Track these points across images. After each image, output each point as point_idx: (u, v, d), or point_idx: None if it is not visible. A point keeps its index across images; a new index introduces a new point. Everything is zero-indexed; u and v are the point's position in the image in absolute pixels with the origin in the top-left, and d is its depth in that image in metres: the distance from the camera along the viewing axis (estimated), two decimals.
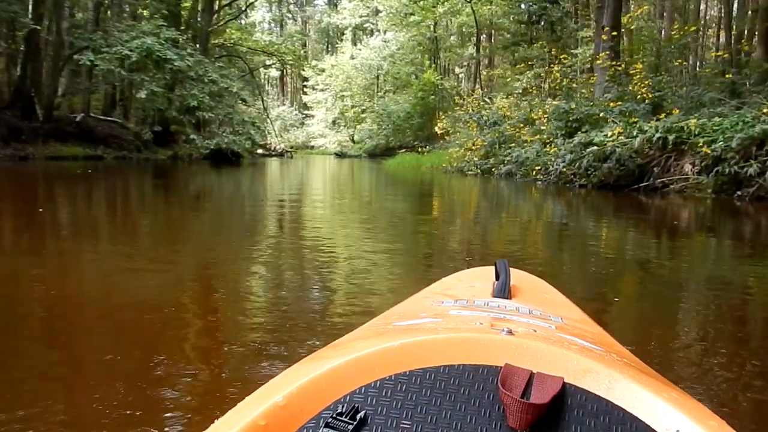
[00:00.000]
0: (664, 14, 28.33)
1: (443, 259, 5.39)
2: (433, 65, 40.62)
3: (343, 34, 53.60)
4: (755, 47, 17.90)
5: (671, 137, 11.86)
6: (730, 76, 14.47)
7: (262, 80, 49.71)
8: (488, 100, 24.83)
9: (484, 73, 38.53)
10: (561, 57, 24.91)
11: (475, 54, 38.90)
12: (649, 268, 5.14)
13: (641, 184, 12.20)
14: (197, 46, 27.70)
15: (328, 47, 58.88)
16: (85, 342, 2.88)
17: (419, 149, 28.24)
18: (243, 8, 37.38)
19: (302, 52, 44.41)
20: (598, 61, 17.15)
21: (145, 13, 26.55)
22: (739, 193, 10.52)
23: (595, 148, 12.68)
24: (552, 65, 30.88)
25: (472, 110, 22.45)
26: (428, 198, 13.31)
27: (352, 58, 48.00)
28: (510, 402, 0.67)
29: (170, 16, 26.92)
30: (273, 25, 59.04)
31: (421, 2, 37.95)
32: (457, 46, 42.70)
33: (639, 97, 13.81)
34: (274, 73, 55.26)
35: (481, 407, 0.70)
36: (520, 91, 30.48)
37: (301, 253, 5.37)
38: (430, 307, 1.15)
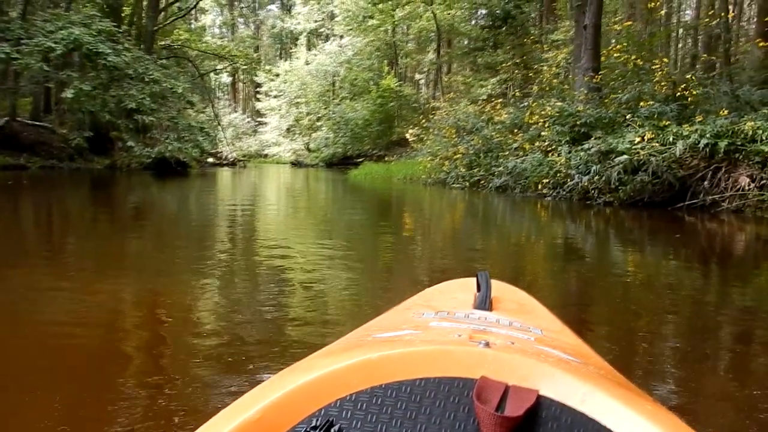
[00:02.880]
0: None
1: None
2: (392, 71, 37.82)
3: (297, 39, 50.35)
4: None
5: (723, 144, 9.25)
6: None
7: (213, 86, 46.11)
8: (461, 105, 22.25)
9: (446, 79, 36.00)
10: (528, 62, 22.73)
11: (435, 60, 36.29)
12: None
13: (686, 202, 9.55)
14: (141, 46, 24.29)
15: (281, 53, 55.48)
16: None
17: (386, 158, 25.36)
18: (191, 6, 33.85)
19: (255, 56, 40.99)
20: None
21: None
22: None
23: (625, 157, 9.99)
24: (517, 72, 28.87)
25: (447, 114, 19.67)
26: (429, 226, 10.38)
27: (307, 63, 44.88)
28: (484, 415, 0.66)
29: (109, 9, 23.43)
30: (224, 29, 55.39)
31: (380, 5, 35.09)
32: (417, 51, 40.04)
33: (675, 95, 11.18)
34: (226, 78, 51.67)
35: (456, 420, 0.70)
36: (485, 97, 28.33)
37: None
38: (411, 319, 1.12)
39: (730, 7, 19.64)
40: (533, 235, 8.42)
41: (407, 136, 24.10)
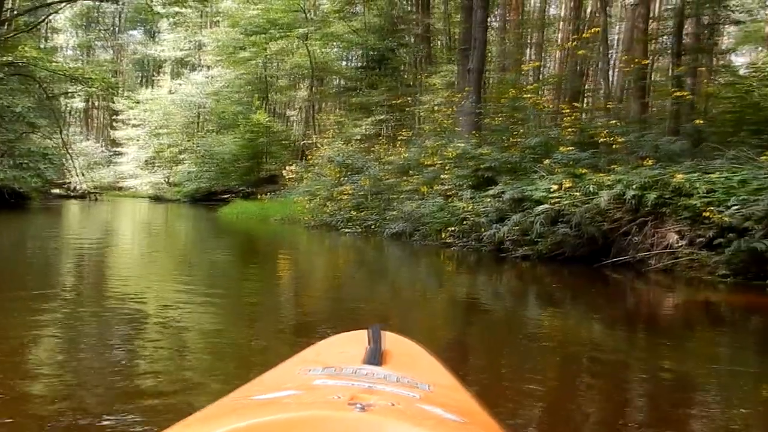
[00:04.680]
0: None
1: None
2: (263, 106, 35.89)
3: (161, 66, 47.07)
4: None
5: (651, 196, 8.36)
6: (701, 121, 11.44)
7: (64, 110, 41.74)
8: (340, 144, 20.88)
9: (318, 117, 34.69)
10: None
11: (309, 97, 34.89)
12: None
13: (611, 259, 8.54)
14: None
15: (143, 80, 51.72)
16: None
17: (257, 196, 23.33)
18: (38, 21, 30.20)
19: (113, 80, 37.39)
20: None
21: None
22: None
23: (546, 206, 8.87)
24: (391, 114, 28.31)
25: (328, 152, 18.13)
26: (318, 276, 8.71)
27: (171, 92, 41.82)
28: None
29: None
30: (79, 51, 50.78)
31: (253, 37, 33.22)
32: (289, 87, 38.44)
33: (594, 141, 10.28)
34: (79, 103, 47.16)
35: None
36: (359, 137, 27.58)
37: None
38: (296, 376, 1.11)
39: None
40: (433, 288, 7.37)
41: (283, 173, 22.30)
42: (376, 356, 1.17)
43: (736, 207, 7.54)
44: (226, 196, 29.94)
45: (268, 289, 6.78)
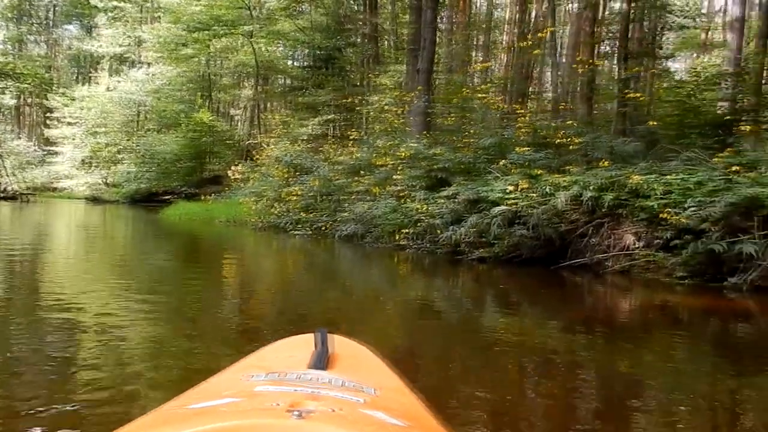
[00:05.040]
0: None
1: None
2: (206, 105, 34.92)
3: (98, 63, 45.33)
4: None
5: (608, 197, 8.26)
6: (654, 123, 11.44)
7: None
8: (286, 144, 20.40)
9: (264, 116, 34.01)
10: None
11: (254, 96, 34.15)
12: None
13: (569, 261, 8.40)
14: None
15: (79, 77, 49.69)
16: None
17: (201, 197, 22.59)
18: None
19: (47, 76, 35.66)
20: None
21: None
22: (732, 280, 7.07)
23: (503, 208, 8.68)
24: (338, 114, 28.08)
25: (276, 152, 17.63)
26: (266, 279, 8.30)
27: (109, 90, 40.29)
28: None
29: None
30: (10, 46, 48.41)
31: (196, 34, 32.27)
32: (234, 86, 37.56)
33: (551, 142, 10.13)
34: (9, 100, 45.00)
35: None
36: (305, 137, 27.22)
37: None
38: (238, 383, 1.08)
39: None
40: (386, 291, 7.14)
41: (228, 173, 21.62)
42: (322, 360, 1.16)
43: (693, 208, 7.50)
44: (167, 197, 28.96)
45: (214, 294, 6.40)
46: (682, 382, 3.66)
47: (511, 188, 9.14)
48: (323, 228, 12.04)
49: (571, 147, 9.88)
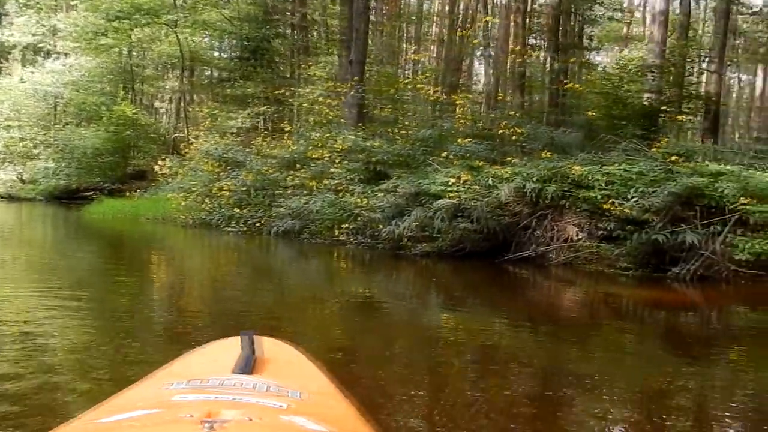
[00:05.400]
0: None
1: None
2: (128, 97, 33.47)
3: (9, 53, 42.72)
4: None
5: (551, 189, 8.16)
6: (593, 113, 11.40)
7: None
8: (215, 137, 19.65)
9: (191, 109, 32.89)
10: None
11: (179, 87, 32.95)
12: None
13: (513, 254, 8.27)
14: None
15: None
16: None
17: (126, 193, 21.56)
18: None
19: None
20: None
21: None
22: (676, 270, 7.07)
23: (446, 201, 8.45)
24: (268, 106, 27.57)
25: (204, 145, 16.91)
26: (196, 279, 7.81)
27: (23, 81, 38.02)
28: None
29: None
30: None
31: (116, 22, 30.76)
32: (157, 77, 36.14)
33: (499, 131, 9.90)
34: None
35: None
36: (235, 130, 26.60)
37: None
38: (156, 392, 1.04)
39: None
40: (324, 289, 6.89)
41: (155, 168, 20.68)
42: (247, 364, 1.12)
43: (635, 199, 7.47)
44: (89, 193, 27.52)
45: (142, 296, 6.01)
46: (625, 374, 3.65)
47: (452, 180, 8.93)
48: (258, 224, 11.52)
49: (514, 138, 9.74)
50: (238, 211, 12.13)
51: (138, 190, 22.38)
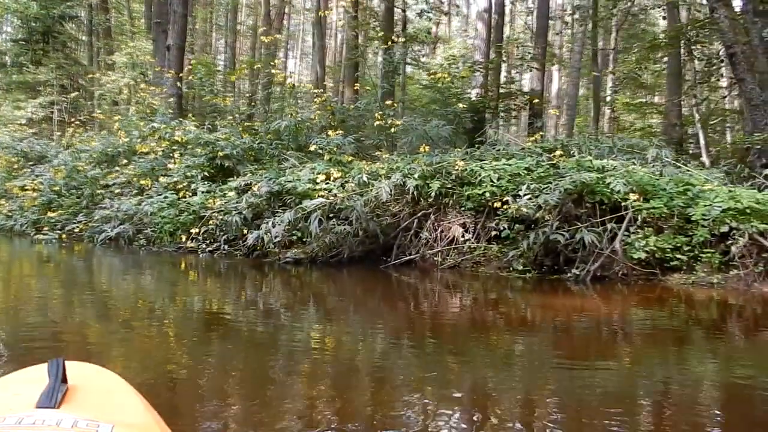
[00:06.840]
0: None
1: None
2: None
3: None
4: None
5: (435, 185, 7.37)
6: (463, 105, 10.67)
7: None
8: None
9: None
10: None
11: None
12: None
13: (397, 259, 7.35)
14: None
15: None
16: None
17: None
18: None
19: None
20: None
21: None
22: (575, 271, 6.60)
23: (320, 201, 7.29)
24: (65, 95, 24.67)
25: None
26: None
27: None
28: None
29: None
30: None
31: None
32: None
33: (379, 125, 8.77)
34: None
35: None
36: (24, 121, 23.43)
37: None
38: None
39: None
40: (160, 305, 5.65)
41: None
42: (53, 397, 0.99)
43: (528, 196, 6.91)
44: None
45: None
46: (513, 385, 3.34)
47: (321, 178, 7.81)
48: (78, 230, 9.40)
49: (393, 130, 8.80)
50: (51, 214, 9.85)
51: None
